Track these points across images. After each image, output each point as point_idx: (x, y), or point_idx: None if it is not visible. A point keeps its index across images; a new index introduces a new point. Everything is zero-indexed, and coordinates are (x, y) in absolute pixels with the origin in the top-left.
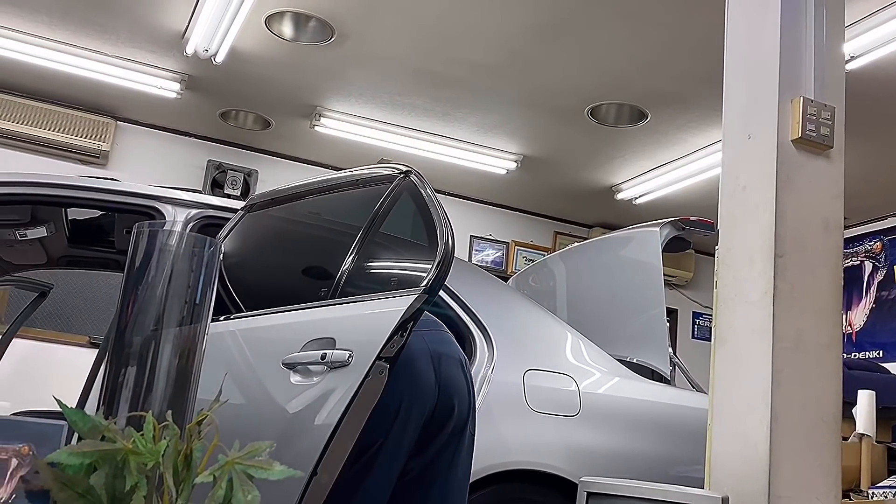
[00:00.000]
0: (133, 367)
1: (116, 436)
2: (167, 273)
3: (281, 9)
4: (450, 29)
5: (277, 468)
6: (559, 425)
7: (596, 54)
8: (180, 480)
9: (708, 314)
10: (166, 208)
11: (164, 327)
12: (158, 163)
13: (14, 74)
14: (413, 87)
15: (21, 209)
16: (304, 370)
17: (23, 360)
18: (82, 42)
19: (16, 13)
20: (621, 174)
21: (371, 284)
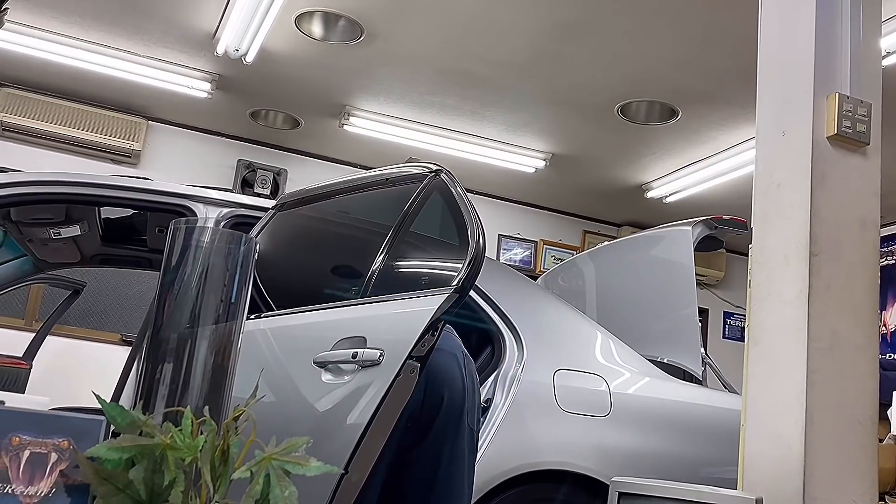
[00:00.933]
0: (169, 364)
1: (155, 431)
2: (203, 270)
3: (310, 8)
4: (478, 27)
5: (314, 464)
6: (589, 425)
7: (626, 51)
8: (217, 476)
9: (739, 314)
10: (198, 207)
11: (201, 324)
12: (189, 162)
13: (48, 75)
14: (441, 86)
15: (56, 208)
16: (336, 369)
17: (56, 357)
18: (115, 43)
19: (51, 15)
20: (651, 172)
21: (401, 284)
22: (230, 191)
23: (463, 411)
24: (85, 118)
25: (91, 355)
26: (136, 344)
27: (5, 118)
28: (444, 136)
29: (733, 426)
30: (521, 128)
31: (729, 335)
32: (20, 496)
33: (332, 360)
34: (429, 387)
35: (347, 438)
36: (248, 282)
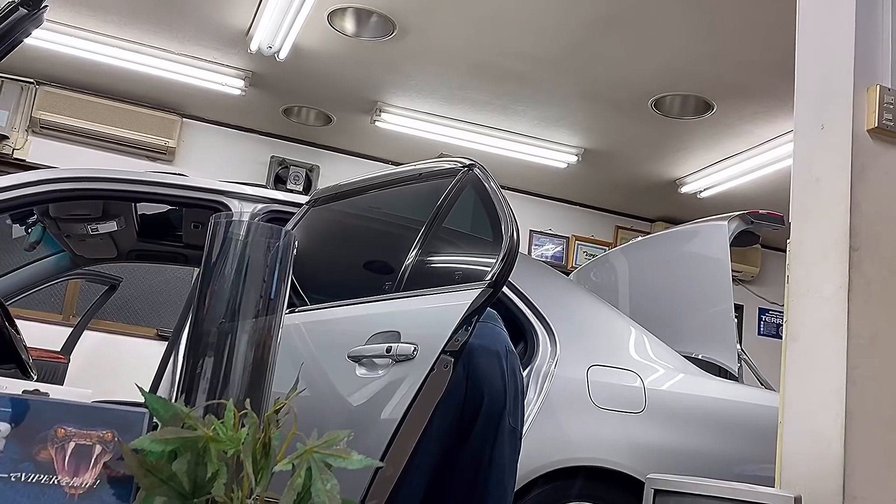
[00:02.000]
0: (210, 358)
1: (197, 423)
2: (243, 264)
3: (343, 5)
4: (510, 22)
5: (356, 457)
6: (624, 422)
7: (659, 45)
8: (259, 469)
9: (775, 310)
10: (233, 203)
11: (241, 318)
12: (223, 159)
13: (85, 73)
14: (473, 81)
15: (93, 204)
16: (370, 363)
17: (93, 352)
18: (150, 41)
19: (88, 13)
20: (685, 167)
21: (435, 278)
22: (264, 187)
23: (504, 411)
24: (121, 116)
25: (127, 350)
26: (172, 339)
27: (43, 116)
28: (475, 131)
29: (770, 423)
30: (553, 123)
31: (764, 332)
32: (65, 487)
33: (366, 355)
34: (469, 386)
35: (382, 432)
36: (287, 276)
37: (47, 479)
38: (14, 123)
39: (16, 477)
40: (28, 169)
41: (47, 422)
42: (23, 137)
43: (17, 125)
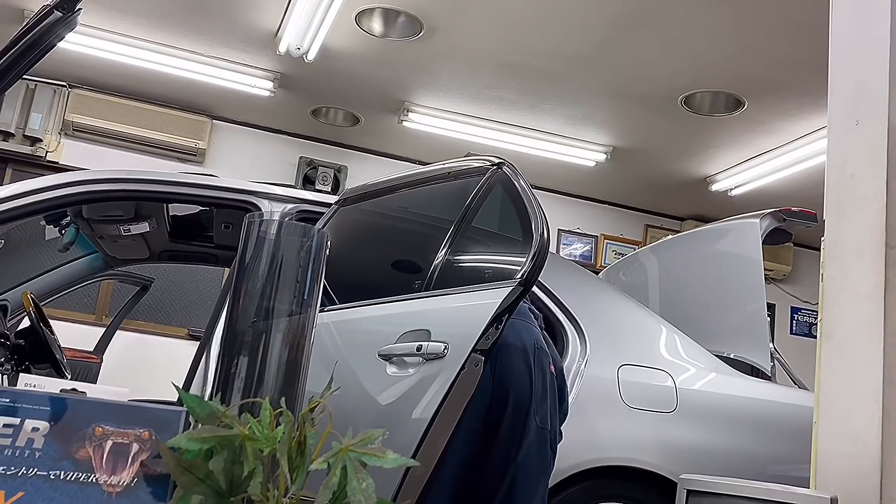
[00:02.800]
0: (245, 357)
1: (233, 421)
2: (277, 263)
3: (371, 5)
4: (537, 20)
5: (391, 456)
6: (655, 421)
7: (689, 41)
8: (294, 467)
9: (808, 309)
10: (263, 203)
11: (275, 317)
12: (252, 160)
13: (116, 76)
14: (500, 80)
15: (126, 205)
16: (400, 361)
17: (126, 351)
18: (180, 43)
19: (119, 17)
20: (716, 164)
21: (464, 277)
22: (293, 187)
23: (530, 409)
24: (151, 118)
25: (159, 349)
26: (204, 338)
27: (75, 118)
28: (502, 130)
29: (803, 423)
30: (582, 121)
31: (797, 331)
32: (103, 485)
33: (396, 353)
34: (496, 384)
35: (413, 431)
36: (320, 275)
37: (86, 478)
38: (47, 126)
39: (55, 475)
40: (61, 171)
41: (85, 420)
42: (56, 140)
43: (50, 128)
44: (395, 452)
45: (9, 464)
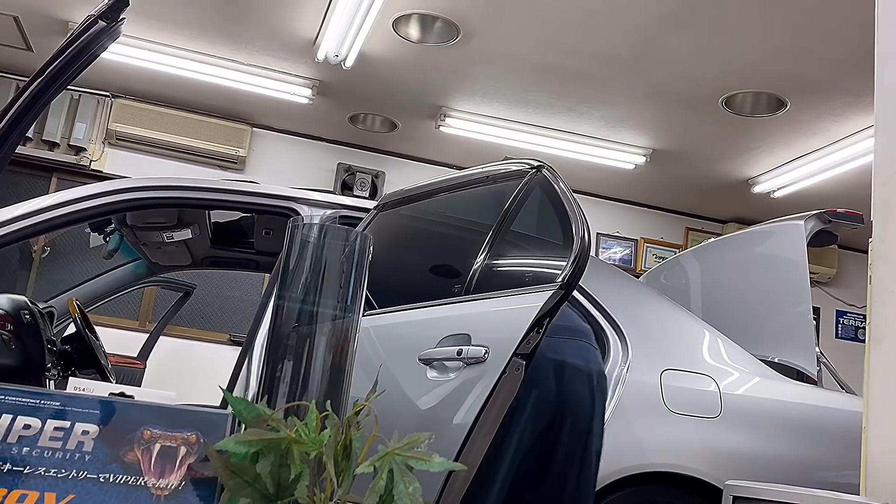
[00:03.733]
0: (290, 362)
1: (280, 425)
2: (321, 267)
3: (408, 11)
4: (575, 22)
5: (437, 460)
6: (699, 427)
7: (730, 41)
8: (340, 471)
9: (853, 312)
10: (303, 209)
11: (319, 321)
12: (291, 167)
13: (158, 86)
14: (537, 84)
15: (168, 212)
16: (441, 366)
17: (168, 357)
18: (220, 52)
19: (160, 27)
20: (758, 166)
21: (504, 281)
22: (332, 193)
23: (590, 436)
24: (193, 126)
25: (201, 355)
26: (246, 343)
27: (118, 128)
28: (540, 134)
29: (851, 428)
30: (620, 123)
31: (842, 335)
32: (152, 488)
33: (437, 358)
34: (560, 406)
35: (453, 435)
36: (363, 278)
37: (134, 480)
38: (91, 136)
39: (104, 478)
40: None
41: (134, 424)
42: (99, 149)
43: (94, 137)
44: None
45: (59, 466)
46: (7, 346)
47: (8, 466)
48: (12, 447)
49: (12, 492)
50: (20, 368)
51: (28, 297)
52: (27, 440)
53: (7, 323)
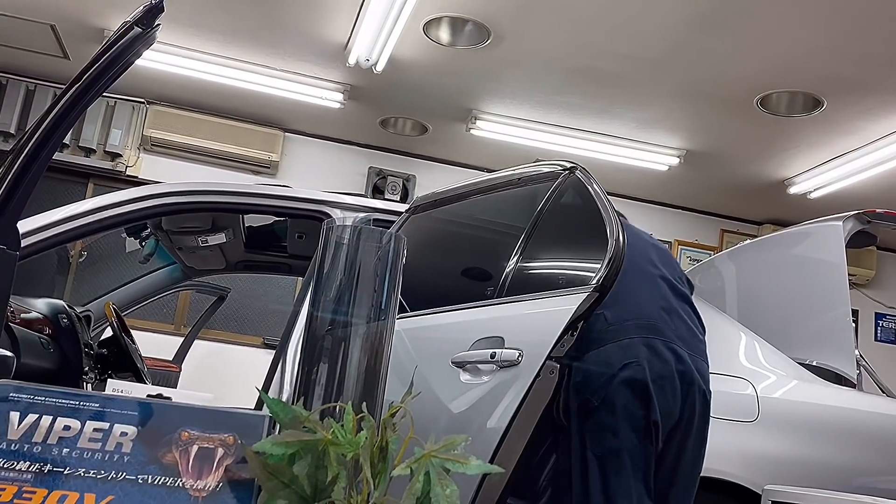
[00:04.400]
0: (325, 364)
1: (317, 426)
2: (355, 268)
3: (438, 14)
4: (607, 23)
5: (474, 462)
6: (736, 431)
7: (765, 41)
8: (376, 473)
9: (893, 315)
10: (335, 212)
11: (354, 324)
12: (323, 171)
13: (193, 92)
14: (569, 85)
15: (203, 217)
16: (474, 369)
17: (203, 360)
18: (253, 58)
19: (193, 34)
20: (794, 167)
21: (537, 283)
22: (364, 197)
23: (698, 459)
24: (226, 132)
25: (235, 358)
26: (280, 346)
27: (153, 133)
28: (571, 136)
29: (891, 432)
30: (653, 124)
31: (882, 337)
32: (190, 490)
33: (470, 360)
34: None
35: (487, 438)
36: (398, 280)
37: (172, 482)
38: (126, 142)
39: (143, 479)
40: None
41: (171, 425)
42: (135, 155)
43: (129, 143)
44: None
45: (99, 467)
46: (45, 350)
47: (49, 467)
48: (52, 448)
49: (53, 492)
50: (58, 371)
51: (65, 301)
52: (67, 441)
53: (45, 327)
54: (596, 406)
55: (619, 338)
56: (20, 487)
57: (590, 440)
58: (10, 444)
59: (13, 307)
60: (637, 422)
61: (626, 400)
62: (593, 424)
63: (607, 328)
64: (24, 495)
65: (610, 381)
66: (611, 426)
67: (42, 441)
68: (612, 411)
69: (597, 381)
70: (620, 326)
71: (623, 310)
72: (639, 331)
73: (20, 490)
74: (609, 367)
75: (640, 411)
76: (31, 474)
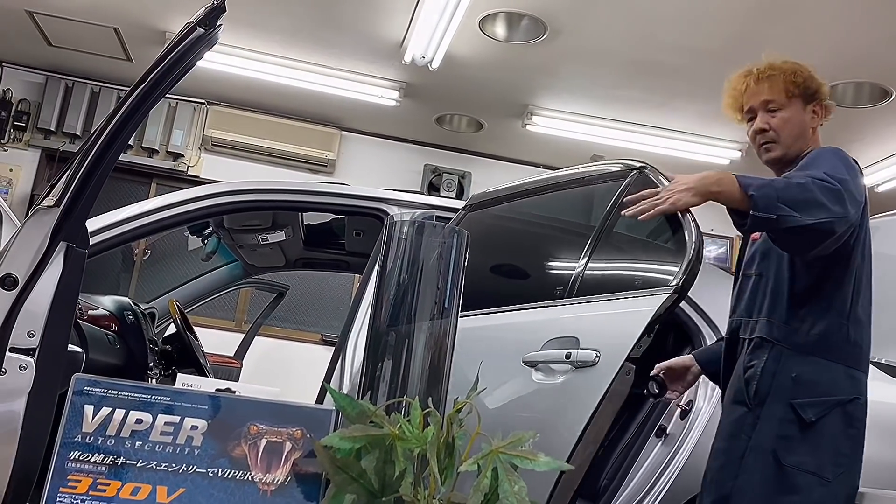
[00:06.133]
0: (389, 361)
1: (384, 421)
2: (418, 264)
3: (494, 10)
4: (666, 15)
5: (542, 459)
6: None
7: (830, 29)
8: (443, 468)
9: None
10: (392, 210)
11: (417, 320)
12: (379, 169)
13: (251, 92)
14: (627, 79)
15: (264, 215)
16: (547, 369)
17: (263, 356)
18: (310, 58)
19: (252, 35)
20: (861, 159)
21: (611, 284)
22: (421, 194)
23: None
24: (284, 131)
25: (294, 354)
26: (339, 343)
27: (213, 134)
28: (630, 130)
29: None
30: (715, 118)
31: None
32: (259, 483)
33: (543, 360)
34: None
35: (562, 438)
36: (461, 275)
37: (241, 475)
38: (188, 142)
39: (213, 472)
40: (201, 184)
41: (241, 419)
42: (196, 155)
43: (190, 144)
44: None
45: (170, 461)
46: (112, 346)
47: (122, 460)
48: (125, 441)
49: (126, 484)
50: (124, 367)
51: (130, 298)
52: (139, 435)
53: (112, 324)
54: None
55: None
56: (95, 479)
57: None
58: (84, 437)
59: (81, 304)
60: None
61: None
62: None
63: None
64: (98, 487)
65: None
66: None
67: (115, 434)
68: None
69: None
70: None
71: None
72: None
73: (95, 482)
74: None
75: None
76: (105, 466)
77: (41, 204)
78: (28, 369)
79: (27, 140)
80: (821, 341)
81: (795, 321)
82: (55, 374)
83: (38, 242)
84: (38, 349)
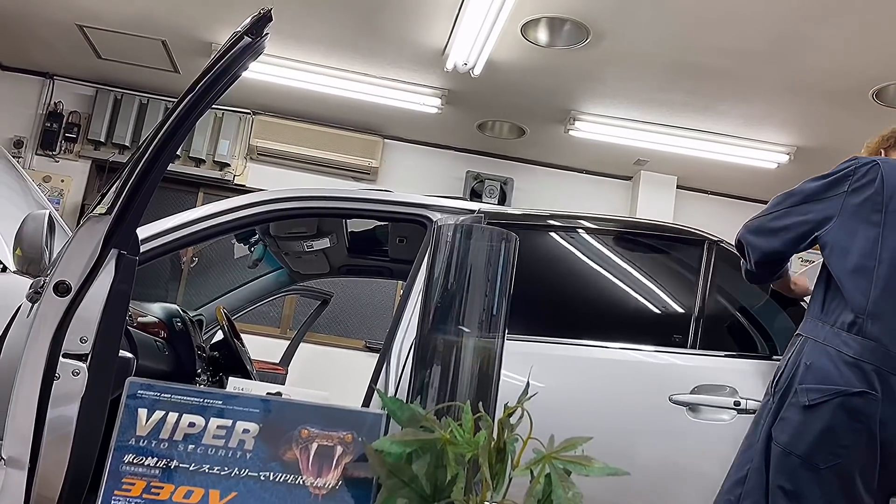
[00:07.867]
0: (437, 367)
1: (435, 425)
2: (467, 269)
3: (536, 15)
4: (710, 16)
5: (597, 465)
6: None
7: (881, 28)
8: (495, 473)
9: None
10: (436, 216)
11: (465, 326)
12: (421, 176)
13: (296, 102)
14: (671, 83)
15: (309, 222)
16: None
17: (308, 363)
18: (353, 67)
19: (295, 44)
20: None
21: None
22: (465, 200)
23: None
24: (328, 139)
25: (338, 361)
26: (383, 349)
27: (259, 143)
28: (674, 134)
29: None
30: (761, 120)
31: None
32: (310, 487)
33: (698, 403)
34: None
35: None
36: (510, 281)
37: (293, 479)
38: (234, 151)
39: (265, 476)
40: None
41: (292, 423)
42: (242, 164)
43: (236, 153)
44: (600, 461)
45: (222, 464)
46: (160, 352)
47: (175, 463)
48: (178, 444)
49: (179, 488)
50: (172, 373)
51: (178, 305)
52: (192, 438)
53: (161, 330)
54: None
55: None
56: (148, 482)
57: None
58: (138, 440)
59: (131, 311)
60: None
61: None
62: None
63: None
64: (152, 490)
65: None
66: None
67: (168, 437)
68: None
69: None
70: None
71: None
72: None
73: (148, 485)
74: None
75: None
76: (159, 470)
77: (93, 212)
78: (81, 374)
79: (77, 151)
80: (838, 335)
81: (823, 315)
82: (107, 380)
83: (91, 250)
84: (90, 355)
